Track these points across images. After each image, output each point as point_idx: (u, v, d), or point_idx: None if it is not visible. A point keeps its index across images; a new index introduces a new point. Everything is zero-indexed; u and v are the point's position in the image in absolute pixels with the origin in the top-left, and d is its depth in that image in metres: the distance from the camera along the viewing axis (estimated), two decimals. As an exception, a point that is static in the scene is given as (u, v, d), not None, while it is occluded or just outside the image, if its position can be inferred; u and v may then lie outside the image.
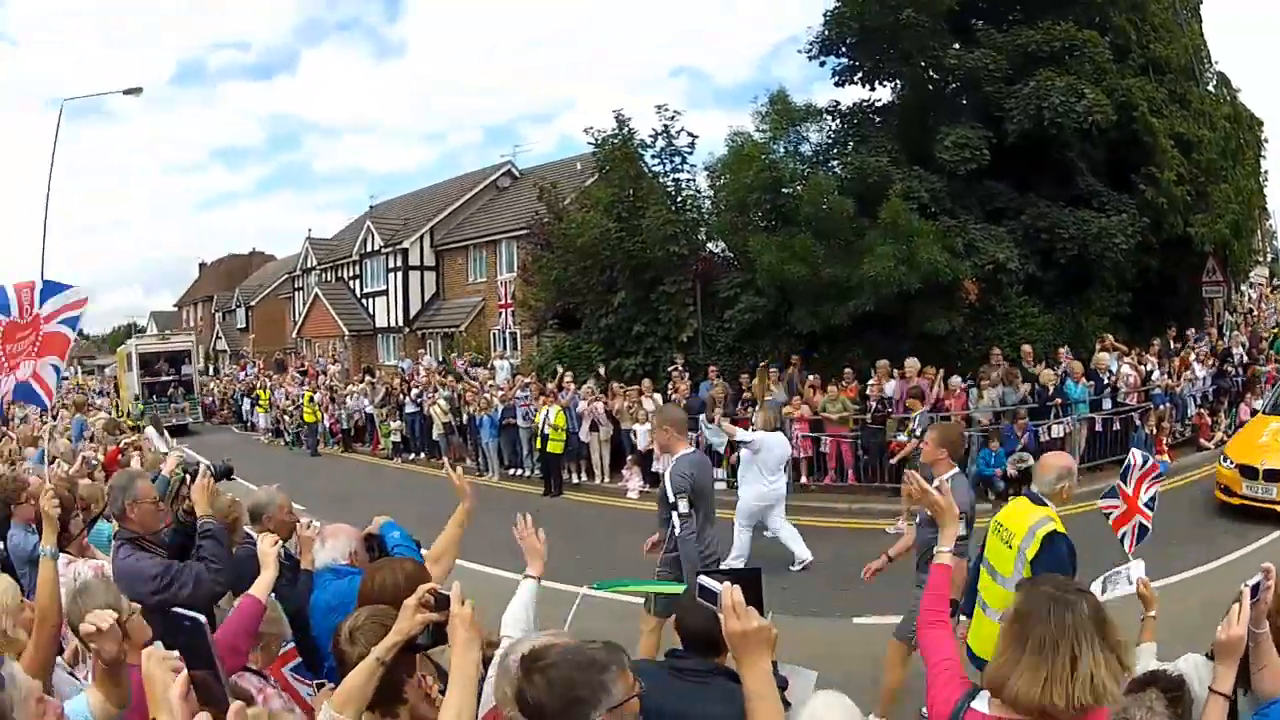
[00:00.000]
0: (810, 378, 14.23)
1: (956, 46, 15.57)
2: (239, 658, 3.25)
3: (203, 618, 2.23)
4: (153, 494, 4.17)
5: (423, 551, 4.16)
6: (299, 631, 3.70)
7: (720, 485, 12.95)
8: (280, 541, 3.74)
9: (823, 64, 16.72)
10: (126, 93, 25.35)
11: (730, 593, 2.16)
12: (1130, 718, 2.30)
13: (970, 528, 5.06)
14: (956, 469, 5.38)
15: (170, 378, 30.87)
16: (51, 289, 5.40)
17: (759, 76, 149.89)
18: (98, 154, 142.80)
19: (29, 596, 3.85)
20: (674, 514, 5.60)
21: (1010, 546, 4.32)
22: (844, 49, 16.41)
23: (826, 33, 16.22)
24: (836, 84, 16.82)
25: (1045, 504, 4.34)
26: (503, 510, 6.14)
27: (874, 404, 13.16)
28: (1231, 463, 10.41)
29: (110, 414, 17.43)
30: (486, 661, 2.72)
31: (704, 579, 2.30)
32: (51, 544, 3.56)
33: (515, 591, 3.40)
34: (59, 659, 3.44)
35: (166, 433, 13.56)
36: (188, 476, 4.57)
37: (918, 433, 11.76)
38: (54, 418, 15.65)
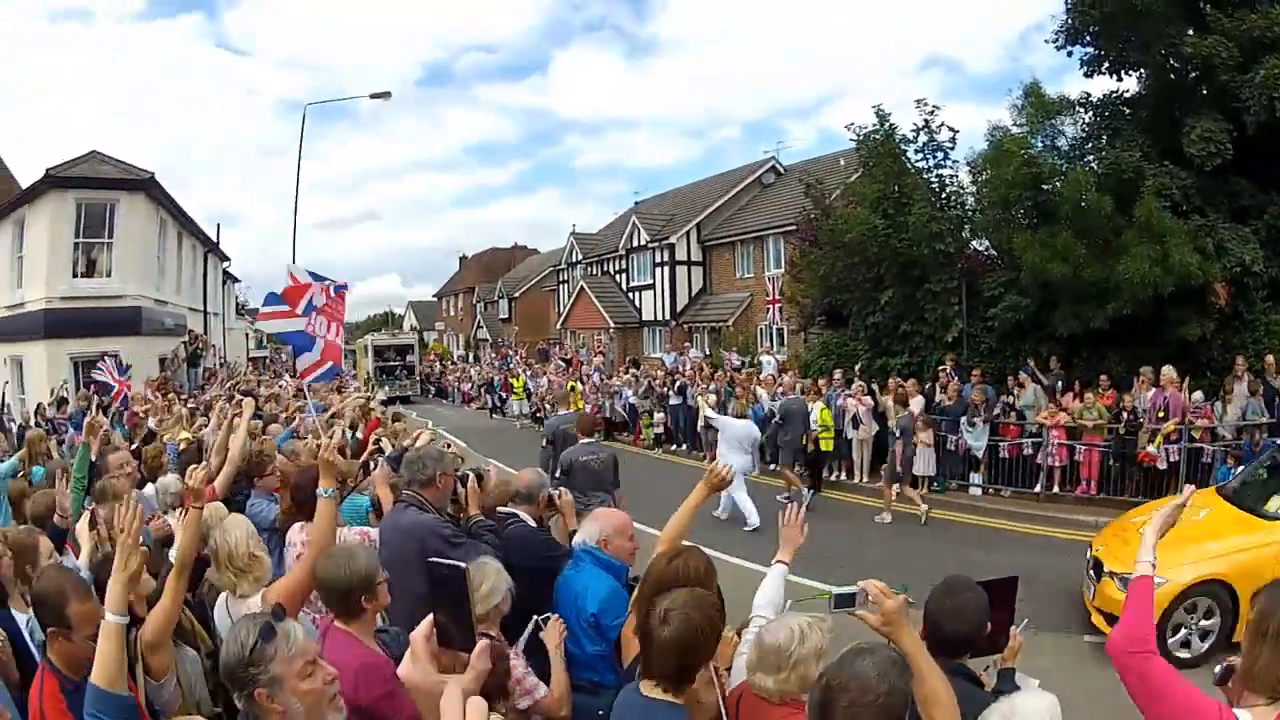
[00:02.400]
0: (1059, 383, 15.42)
1: (1190, 33, 15.92)
2: None
3: (464, 565, 2.47)
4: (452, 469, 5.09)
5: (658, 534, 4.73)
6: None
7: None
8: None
9: (1069, 54, 17.64)
10: (373, 97, 27.69)
11: (872, 584, 2.65)
12: None
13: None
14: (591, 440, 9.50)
15: (397, 363, 45.77)
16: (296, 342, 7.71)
17: (1009, 66, 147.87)
18: (348, 153, 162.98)
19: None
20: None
21: None
22: (1088, 37, 17.21)
23: (1070, 20, 17.11)
24: (1085, 74, 17.66)
25: None
26: (758, 503, 8.33)
27: (1126, 414, 13.83)
28: (1096, 552, 8.88)
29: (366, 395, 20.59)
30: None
31: (837, 590, 2.69)
32: (331, 485, 4.12)
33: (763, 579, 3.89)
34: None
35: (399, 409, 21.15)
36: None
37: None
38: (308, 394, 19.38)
